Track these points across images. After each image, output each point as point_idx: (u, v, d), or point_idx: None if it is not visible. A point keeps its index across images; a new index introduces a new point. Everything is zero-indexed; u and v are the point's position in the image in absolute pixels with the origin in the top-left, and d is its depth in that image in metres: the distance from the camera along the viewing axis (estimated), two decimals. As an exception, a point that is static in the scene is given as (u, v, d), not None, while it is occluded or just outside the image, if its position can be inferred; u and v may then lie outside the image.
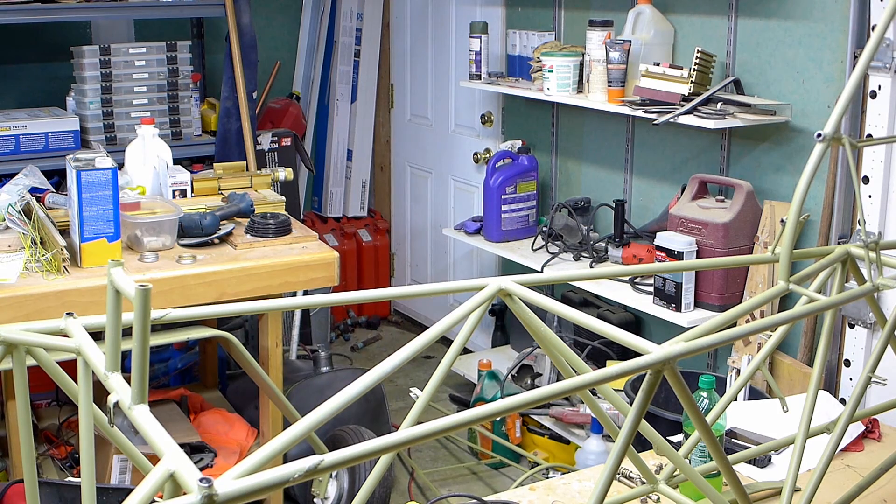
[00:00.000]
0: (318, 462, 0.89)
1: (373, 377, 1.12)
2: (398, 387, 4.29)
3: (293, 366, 3.79)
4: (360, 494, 1.41)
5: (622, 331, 1.25)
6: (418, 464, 3.64)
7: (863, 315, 2.76)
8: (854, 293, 1.53)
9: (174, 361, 3.84)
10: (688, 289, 3.05)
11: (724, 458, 1.34)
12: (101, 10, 4.00)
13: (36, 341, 1.32)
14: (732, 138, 3.27)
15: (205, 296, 2.73)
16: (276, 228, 3.03)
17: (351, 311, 5.08)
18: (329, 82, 5.15)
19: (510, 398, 1.05)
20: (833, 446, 1.59)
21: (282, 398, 1.49)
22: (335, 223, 5.11)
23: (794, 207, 1.51)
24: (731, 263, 2.64)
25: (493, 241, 3.85)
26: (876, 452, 2.12)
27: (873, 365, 1.63)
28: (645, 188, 3.65)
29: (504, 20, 4.24)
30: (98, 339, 1.24)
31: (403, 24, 4.97)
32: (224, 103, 4.09)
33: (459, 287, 1.47)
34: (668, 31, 3.39)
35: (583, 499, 1.90)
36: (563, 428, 3.53)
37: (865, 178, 2.72)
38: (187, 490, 0.89)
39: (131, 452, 1.39)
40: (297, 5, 5.05)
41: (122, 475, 2.95)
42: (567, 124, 3.97)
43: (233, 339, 1.45)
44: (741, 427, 2.18)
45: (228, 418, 3.33)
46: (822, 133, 1.49)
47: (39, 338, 1.31)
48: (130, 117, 3.97)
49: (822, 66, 2.96)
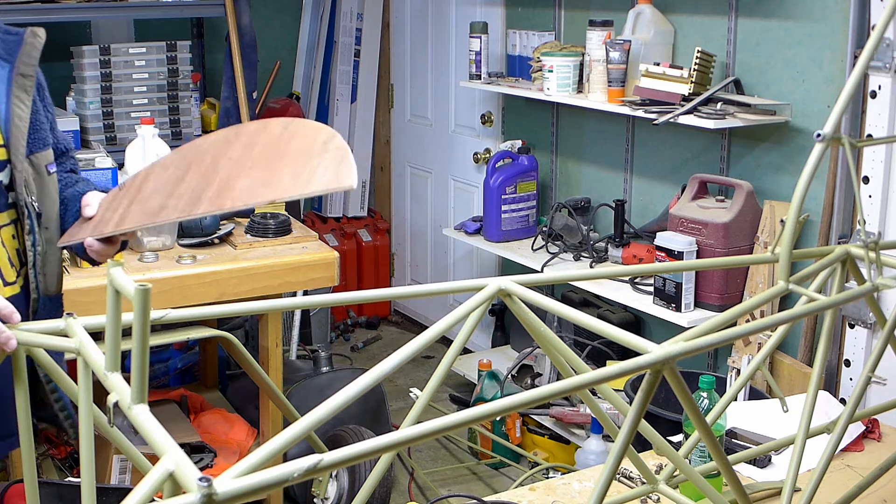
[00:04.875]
0: (317, 461, 0.89)
1: (373, 377, 1.12)
2: (398, 387, 4.29)
3: (293, 366, 3.79)
4: (360, 494, 1.41)
5: (622, 331, 1.25)
6: (418, 464, 3.64)
7: (863, 315, 2.76)
8: (854, 293, 1.53)
9: (174, 361, 3.84)
10: (688, 289, 3.05)
11: (724, 458, 1.34)
12: (101, 10, 4.00)
13: (36, 341, 1.32)
14: (732, 138, 3.27)
15: (205, 296, 2.73)
16: (276, 228, 3.03)
17: (351, 311, 5.08)
18: (329, 82, 5.15)
19: (510, 398, 1.05)
20: (833, 446, 1.59)
21: (282, 398, 1.49)
22: (335, 223, 5.12)
23: (794, 207, 1.51)
24: (731, 263, 2.65)
25: (493, 241, 3.85)
26: (876, 452, 2.12)
27: (873, 365, 1.63)
28: (645, 188, 3.65)
29: (504, 20, 4.24)
30: (98, 339, 1.24)
31: (403, 24, 4.97)
32: (224, 103, 4.09)
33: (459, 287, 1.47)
34: (668, 31, 3.39)
35: (583, 499, 1.90)
36: (563, 428, 3.53)
37: (865, 178, 2.72)
38: (187, 489, 0.89)
39: (131, 452, 1.39)
40: (297, 5, 5.06)
41: (122, 475, 2.95)
42: (567, 124, 3.97)
43: (233, 339, 1.45)
44: (741, 427, 2.18)
45: (228, 418, 3.33)
46: (821, 133, 1.49)
47: (39, 338, 1.32)
48: (130, 117, 3.97)
49: (822, 66, 2.96)
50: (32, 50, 1.75)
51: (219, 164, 1.41)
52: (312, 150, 1.32)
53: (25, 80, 1.72)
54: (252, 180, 1.35)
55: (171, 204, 1.43)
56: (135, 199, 1.54)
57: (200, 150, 1.48)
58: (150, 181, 1.53)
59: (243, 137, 1.43)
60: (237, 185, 1.35)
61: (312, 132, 1.35)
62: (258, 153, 1.39)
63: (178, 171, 1.47)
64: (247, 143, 1.41)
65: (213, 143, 1.47)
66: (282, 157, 1.35)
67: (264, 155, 1.37)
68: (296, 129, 1.38)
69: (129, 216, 1.52)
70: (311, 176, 1.29)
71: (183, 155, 1.52)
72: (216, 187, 1.38)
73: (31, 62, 1.74)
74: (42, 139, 1.77)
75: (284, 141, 1.37)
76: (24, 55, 1.73)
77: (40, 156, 1.76)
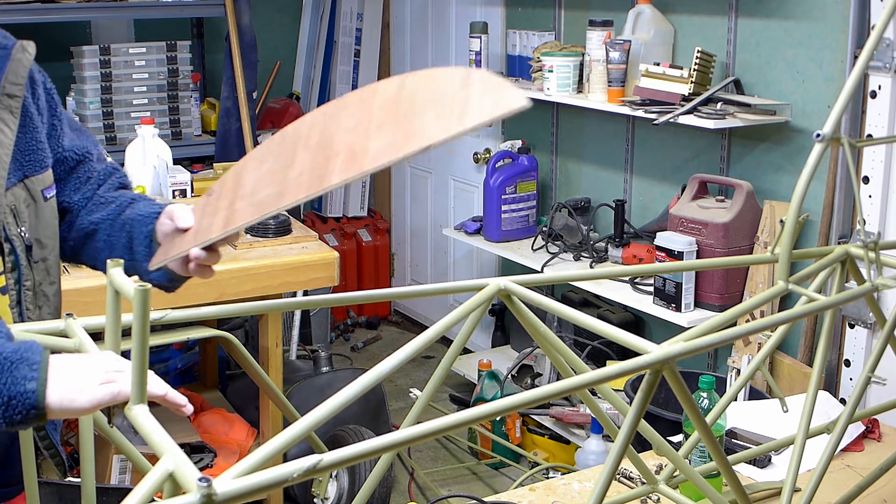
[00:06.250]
0: (317, 461, 0.89)
1: (373, 377, 1.12)
2: (398, 387, 4.29)
3: (293, 366, 3.79)
4: (360, 494, 1.41)
5: (622, 331, 1.24)
6: (418, 464, 3.64)
7: (863, 315, 2.76)
8: (853, 293, 1.53)
9: (174, 361, 3.84)
10: (688, 289, 3.05)
11: (724, 459, 1.34)
12: (101, 10, 4.00)
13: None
14: (732, 138, 3.27)
15: (205, 296, 2.73)
16: (276, 228, 3.03)
17: (351, 311, 5.07)
18: (329, 82, 5.15)
19: (510, 398, 1.05)
20: (833, 446, 1.59)
21: (282, 398, 1.49)
22: (335, 223, 5.11)
23: (794, 207, 1.50)
24: (731, 263, 2.64)
25: (493, 241, 3.85)
26: (876, 452, 2.12)
27: (873, 365, 1.63)
28: (645, 188, 3.65)
29: (504, 20, 4.24)
30: (98, 340, 1.24)
31: (403, 24, 4.97)
32: (224, 103, 4.09)
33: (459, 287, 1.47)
34: (668, 31, 3.39)
35: (583, 499, 1.90)
36: (563, 428, 3.53)
37: (865, 178, 2.72)
38: (187, 489, 0.89)
39: (131, 452, 1.39)
40: (297, 5, 5.06)
41: (121, 475, 2.95)
42: (567, 124, 3.97)
43: (233, 339, 1.45)
44: (741, 427, 2.18)
45: (228, 418, 3.33)
46: (821, 133, 1.49)
47: (39, 338, 1.31)
48: (130, 117, 3.98)
49: (822, 66, 2.96)
50: (20, 67, 1.56)
51: (333, 139, 1.25)
52: (449, 91, 1.13)
53: (11, 101, 1.53)
54: (388, 138, 1.17)
55: (291, 187, 1.28)
56: (236, 198, 1.39)
57: (299, 133, 1.33)
58: (247, 177, 1.39)
59: (350, 108, 1.27)
60: (369, 147, 1.18)
61: (441, 77, 1.16)
62: (380, 115, 1.21)
63: (282, 159, 1.33)
64: (358, 111, 1.24)
65: (313, 123, 1.32)
66: (413, 110, 1.17)
67: (390, 113, 1.19)
68: (417, 82, 1.19)
69: (236, 214, 1.37)
70: (464, 110, 1.09)
71: (277, 143, 1.38)
72: (343, 157, 1.21)
73: (17, 81, 1.54)
74: (39, 161, 1.58)
75: (407, 97, 1.19)
76: (11, 72, 1.54)
77: (35, 179, 1.57)
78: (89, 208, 1.70)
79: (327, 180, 1.21)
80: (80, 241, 1.69)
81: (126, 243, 1.62)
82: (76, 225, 1.69)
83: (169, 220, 1.54)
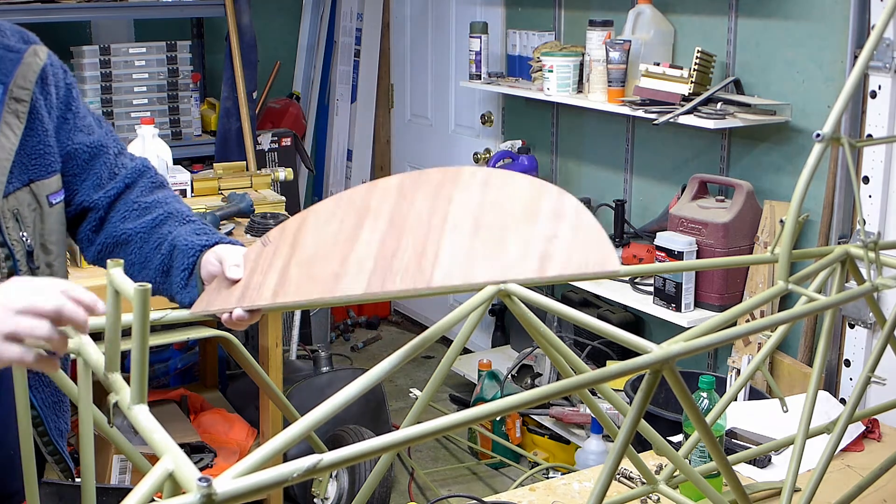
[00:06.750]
0: (317, 461, 0.89)
1: (373, 377, 1.12)
2: (398, 387, 4.29)
3: (293, 366, 3.79)
4: (360, 494, 1.40)
5: (622, 331, 1.24)
6: (418, 464, 3.64)
7: (863, 315, 2.76)
8: (853, 293, 1.53)
9: (174, 361, 3.85)
10: (688, 289, 3.05)
11: (724, 459, 1.33)
12: (101, 10, 4.00)
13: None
14: (732, 138, 3.27)
15: (205, 296, 2.73)
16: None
17: (351, 311, 5.08)
18: (329, 82, 5.15)
19: (510, 398, 1.05)
20: (833, 446, 1.59)
21: (282, 398, 1.49)
22: (335, 223, 5.11)
23: (793, 207, 1.50)
24: (731, 263, 2.64)
25: (493, 241, 3.84)
26: (876, 452, 2.12)
27: (873, 365, 1.63)
28: (645, 188, 3.65)
29: (504, 20, 4.24)
30: (97, 340, 1.24)
31: (403, 24, 4.97)
32: (224, 103, 4.09)
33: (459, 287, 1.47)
34: (668, 31, 3.39)
35: (583, 499, 1.90)
36: (563, 428, 3.53)
37: (865, 178, 2.72)
38: (186, 489, 0.89)
39: (131, 452, 1.39)
40: (297, 5, 5.06)
41: (121, 475, 2.95)
42: (567, 124, 3.97)
43: (233, 339, 1.45)
44: (741, 427, 2.18)
45: (228, 418, 3.33)
46: (820, 133, 1.49)
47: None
48: (130, 117, 3.97)
49: (822, 66, 2.96)
50: (29, 72, 1.56)
51: (404, 226, 1.22)
52: (536, 217, 1.16)
53: (19, 106, 1.52)
54: (462, 258, 1.19)
55: (352, 270, 1.23)
56: (292, 260, 1.31)
57: (368, 204, 1.28)
58: (308, 237, 1.31)
59: (425, 189, 1.23)
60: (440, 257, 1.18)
61: (526, 191, 1.16)
62: (457, 218, 1.21)
63: (346, 228, 1.26)
64: (435, 200, 1.22)
65: (384, 197, 1.26)
66: (492, 234, 1.18)
67: (469, 223, 1.19)
68: (499, 190, 1.19)
69: (288, 285, 1.28)
70: (548, 253, 1.15)
71: (345, 205, 1.30)
72: (415, 259, 1.20)
73: (26, 85, 1.54)
74: (45, 165, 1.55)
75: (489, 207, 1.19)
76: (20, 77, 1.54)
77: (41, 184, 1.54)
78: (123, 214, 1.61)
79: (389, 284, 1.22)
80: (110, 247, 1.61)
81: (161, 266, 1.54)
82: (106, 229, 1.62)
83: (217, 262, 1.44)
